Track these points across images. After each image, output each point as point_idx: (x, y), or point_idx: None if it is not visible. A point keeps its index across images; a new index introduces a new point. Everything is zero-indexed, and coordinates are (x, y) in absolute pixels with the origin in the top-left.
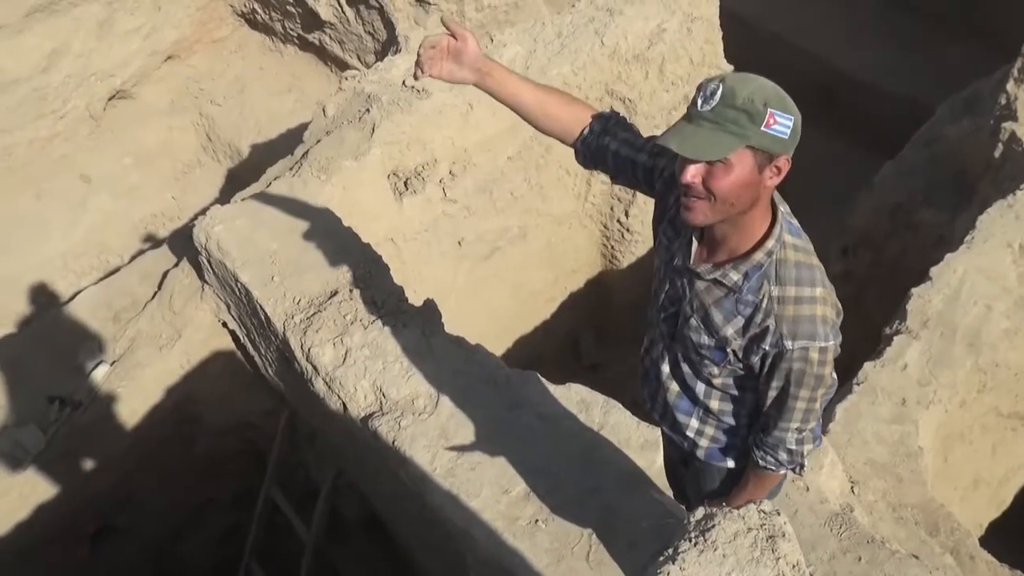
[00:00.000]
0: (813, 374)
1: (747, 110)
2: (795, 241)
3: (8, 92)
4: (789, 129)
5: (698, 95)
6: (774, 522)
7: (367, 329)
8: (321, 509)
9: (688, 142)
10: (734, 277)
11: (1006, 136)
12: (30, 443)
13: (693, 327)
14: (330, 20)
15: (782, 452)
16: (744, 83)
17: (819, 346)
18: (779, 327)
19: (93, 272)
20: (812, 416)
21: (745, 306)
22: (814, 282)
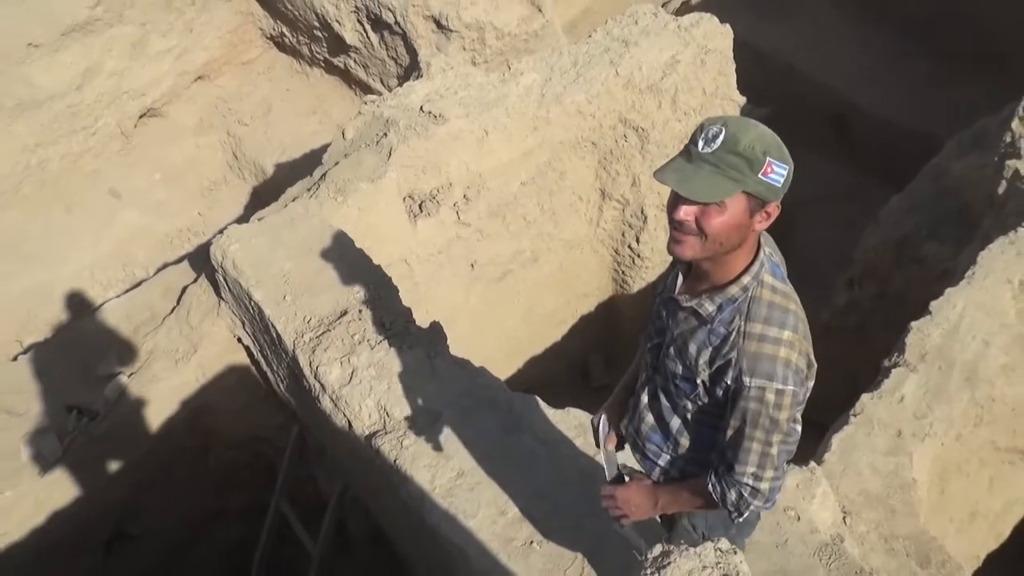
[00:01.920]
0: (768, 415)
1: (747, 157)
2: (775, 283)
3: (43, 108)
4: (783, 178)
5: (699, 135)
6: (730, 560)
7: (374, 349)
8: (328, 523)
9: (688, 183)
10: (709, 308)
11: (1010, 173)
12: (48, 451)
13: (671, 356)
14: (355, 45)
15: (733, 492)
16: (745, 130)
17: (776, 387)
18: (739, 361)
19: (119, 284)
20: (768, 464)
21: (715, 337)
22: (783, 325)
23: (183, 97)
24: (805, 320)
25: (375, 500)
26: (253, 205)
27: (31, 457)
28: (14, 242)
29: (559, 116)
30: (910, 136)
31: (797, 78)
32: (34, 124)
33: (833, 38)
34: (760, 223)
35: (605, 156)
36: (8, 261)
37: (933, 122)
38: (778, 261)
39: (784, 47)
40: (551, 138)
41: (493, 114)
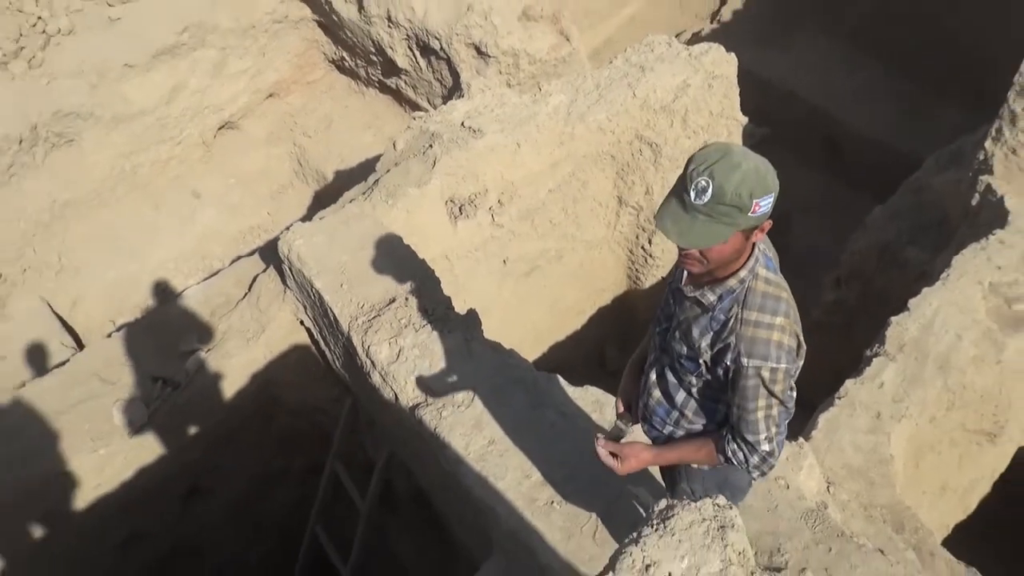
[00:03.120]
0: (766, 388)
1: (736, 205)
2: (768, 275)
3: (136, 121)
4: (770, 205)
5: (690, 185)
6: (726, 514)
7: (418, 332)
8: (375, 483)
9: (687, 235)
10: (711, 297)
11: (983, 187)
12: (136, 415)
13: (677, 339)
14: (406, 68)
15: (755, 457)
16: (729, 176)
17: (771, 366)
18: (739, 344)
19: (198, 273)
20: (772, 424)
21: (716, 323)
22: (776, 312)
23: (256, 112)
24: (795, 306)
25: (417, 464)
26: (315, 207)
27: (122, 420)
28: (109, 237)
29: (583, 132)
30: (894, 154)
31: (794, 102)
32: (128, 134)
33: (827, 67)
34: (756, 239)
35: (622, 168)
36: (104, 253)
37: (915, 142)
38: (772, 256)
39: (783, 74)
40: (575, 152)
41: (525, 130)
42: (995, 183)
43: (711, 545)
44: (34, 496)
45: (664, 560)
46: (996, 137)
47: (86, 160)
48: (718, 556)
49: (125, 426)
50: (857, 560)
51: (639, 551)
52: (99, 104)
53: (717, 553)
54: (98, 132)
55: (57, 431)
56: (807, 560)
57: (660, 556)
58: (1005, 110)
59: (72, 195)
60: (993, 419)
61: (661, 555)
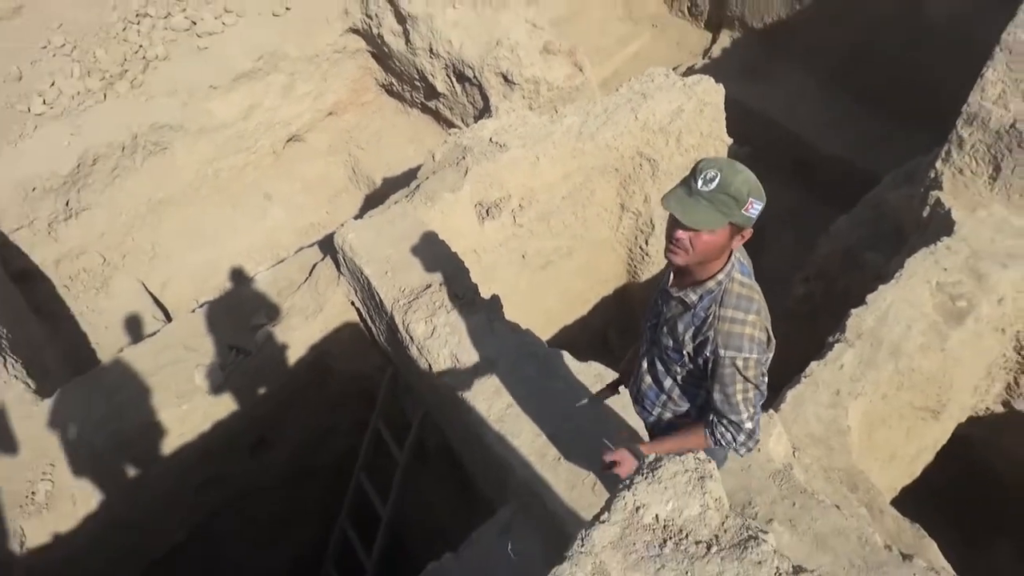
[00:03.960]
0: (741, 375)
1: (735, 197)
2: (742, 279)
3: (218, 133)
4: (759, 212)
5: (699, 175)
6: (705, 467)
7: (449, 313)
8: (411, 439)
9: (689, 214)
10: (692, 297)
11: (933, 201)
12: (214, 378)
13: (664, 333)
14: (444, 92)
15: (742, 435)
16: (734, 174)
17: (744, 356)
18: (716, 337)
19: (267, 262)
20: (750, 405)
21: (697, 319)
22: (749, 310)
23: (318, 127)
24: (766, 306)
25: (446, 423)
26: (365, 207)
27: (202, 381)
28: (194, 229)
29: (592, 148)
30: (858, 173)
31: (773, 127)
32: (212, 144)
33: (803, 98)
34: (736, 243)
35: (625, 179)
36: (190, 242)
37: (875, 163)
38: (746, 263)
39: (764, 103)
40: (585, 164)
41: (543, 145)
42: (944, 198)
43: (692, 492)
44: (129, 442)
45: (652, 503)
46: (945, 158)
47: (176, 165)
48: (698, 501)
49: (205, 386)
50: (817, 514)
51: (631, 495)
52: (188, 118)
53: (697, 499)
54: (187, 142)
55: (148, 389)
56: (774, 512)
57: (648, 500)
58: (954, 135)
59: (165, 194)
60: (937, 399)
61: (649, 499)
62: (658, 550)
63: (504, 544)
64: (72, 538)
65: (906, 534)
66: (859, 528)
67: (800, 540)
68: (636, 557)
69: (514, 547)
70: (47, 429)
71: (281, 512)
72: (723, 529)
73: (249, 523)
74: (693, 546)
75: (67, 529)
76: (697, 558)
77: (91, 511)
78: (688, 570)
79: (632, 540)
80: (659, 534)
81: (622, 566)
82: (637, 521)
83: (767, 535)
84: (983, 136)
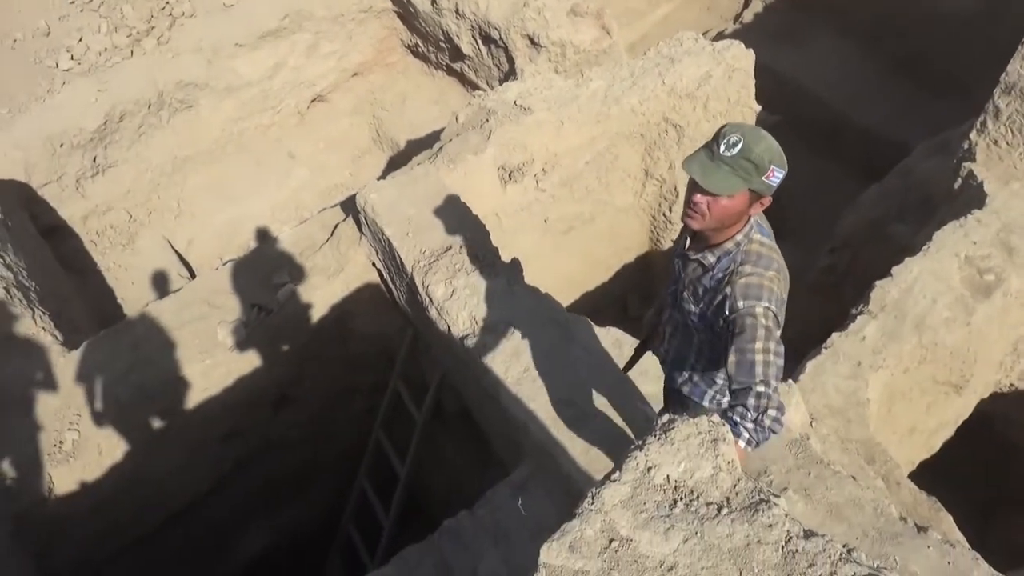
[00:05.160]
0: (762, 326)
1: (757, 164)
2: (762, 239)
3: (244, 91)
4: (779, 180)
5: (721, 140)
6: (719, 430)
7: (469, 275)
8: (429, 400)
9: (709, 177)
10: (711, 259)
11: (965, 173)
12: (237, 334)
13: (685, 298)
14: (469, 54)
15: (751, 399)
16: (758, 141)
17: (763, 305)
18: (734, 292)
19: (291, 221)
20: (771, 371)
21: (715, 280)
22: (768, 266)
23: (342, 88)
24: (786, 270)
25: (464, 385)
26: (388, 169)
27: (225, 337)
28: (219, 187)
29: (617, 113)
30: (888, 143)
31: (802, 94)
32: (237, 102)
33: (834, 65)
34: (755, 209)
35: (650, 145)
36: (215, 201)
37: (907, 134)
38: (766, 227)
39: (794, 69)
40: (610, 130)
41: (568, 109)
42: (977, 170)
43: (704, 454)
44: (154, 395)
45: (664, 464)
46: (980, 129)
47: (202, 123)
48: (710, 463)
49: (228, 342)
50: (832, 484)
51: (643, 455)
52: (214, 77)
53: (710, 461)
54: (212, 100)
55: (172, 344)
56: (789, 481)
57: (660, 460)
58: (990, 105)
59: (190, 152)
60: (960, 373)
61: (661, 459)
62: (668, 510)
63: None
64: (98, 487)
65: (922, 507)
66: (875, 499)
67: (814, 509)
68: (646, 516)
69: (525, 505)
70: (74, 380)
71: (301, 469)
72: (734, 492)
73: (269, 479)
74: (704, 507)
75: (93, 478)
76: (707, 519)
77: (116, 461)
78: (698, 530)
79: (642, 500)
80: (670, 495)
81: (632, 524)
82: (648, 481)
83: (778, 499)
84: (1021, 106)
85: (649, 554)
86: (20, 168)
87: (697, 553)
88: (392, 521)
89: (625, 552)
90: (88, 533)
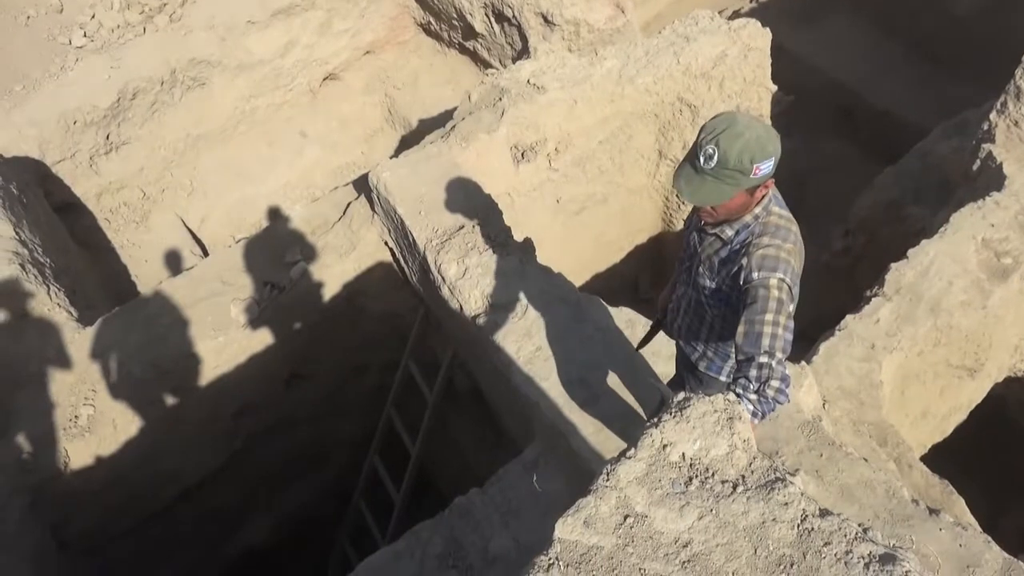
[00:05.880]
0: (775, 298)
1: (739, 169)
2: (780, 211)
3: (255, 69)
4: (771, 167)
5: (700, 151)
6: (735, 408)
7: (482, 254)
8: (441, 379)
9: (698, 192)
10: (729, 232)
11: (984, 154)
12: (250, 312)
13: (701, 273)
14: (482, 32)
15: (753, 369)
16: (732, 143)
17: (778, 276)
18: (750, 263)
19: (303, 199)
20: (777, 343)
21: (733, 252)
22: (786, 239)
23: (355, 66)
24: (802, 244)
25: (476, 364)
26: (401, 148)
27: (238, 315)
28: (231, 166)
29: (631, 93)
30: (904, 125)
31: (818, 74)
32: (249, 80)
33: (850, 45)
34: (760, 195)
35: (664, 125)
36: (227, 179)
37: (923, 115)
38: (782, 200)
39: (810, 49)
40: (624, 109)
41: (581, 88)
42: (996, 151)
43: (720, 432)
44: (167, 372)
45: (679, 441)
46: (1001, 110)
47: (214, 101)
48: (726, 441)
49: (240, 320)
50: (844, 465)
51: (658, 433)
52: (226, 54)
53: (725, 439)
54: (225, 78)
55: (186, 320)
56: (800, 463)
57: (676, 438)
58: (1012, 86)
59: (202, 130)
60: (974, 357)
61: (677, 437)
62: (683, 487)
63: (530, 480)
64: (113, 461)
65: (934, 490)
66: (886, 481)
67: (826, 491)
68: (661, 493)
69: (539, 482)
70: (89, 356)
71: (313, 446)
72: (750, 470)
73: (282, 455)
74: (719, 485)
75: (108, 452)
76: (722, 497)
77: (131, 436)
78: (713, 508)
79: (658, 477)
80: (685, 472)
81: (647, 501)
82: (663, 458)
83: (794, 477)
84: None
85: (664, 531)
86: (34, 145)
87: (712, 530)
88: (403, 498)
89: (640, 528)
90: (103, 507)
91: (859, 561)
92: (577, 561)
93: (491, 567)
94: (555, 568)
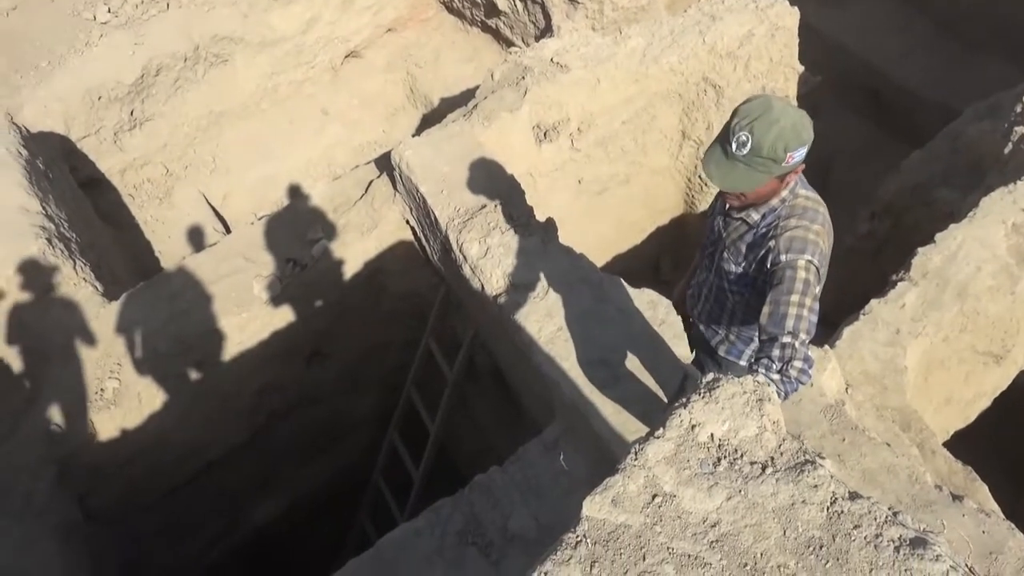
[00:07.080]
0: (802, 279)
1: (772, 157)
2: (807, 193)
3: (278, 46)
4: (803, 155)
5: (732, 137)
6: (764, 390)
7: (504, 234)
8: (461, 358)
9: (728, 178)
10: (755, 216)
11: (1017, 137)
12: (272, 289)
13: (725, 258)
14: (505, 10)
15: (776, 350)
16: (767, 131)
17: (807, 259)
18: (778, 245)
19: (324, 177)
20: (801, 324)
21: (759, 236)
22: (814, 220)
23: (377, 44)
24: (831, 225)
25: (496, 343)
26: (422, 126)
27: (260, 291)
28: (253, 143)
29: (655, 72)
30: (933, 107)
31: (845, 54)
32: (271, 58)
33: (879, 25)
34: (789, 181)
35: (688, 106)
36: (249, 157)
37: (953, 97)
38: (806, 182)
39: (838, 29)
40: (648, 89)
41: (605, 67)
42: None
43: (749, 413)
44: (190, 347)
45: (708, 422)
46: None
47: (237, 78)
48: (755, 423)
49: (263, 296)
50: (867, 450)
51: (687, 413)
52: (249, 31)
53: (755, 420)
54: (247, 54)
55: (209, 296)
56: (823, 447)
57: (705, 419)
58: None
59: (225, 107)
60: (1001, 343)
61: (706, 418)
62: (712, 468)
63: (550, 459)
64: (138, 434)
65: (957, 476)
66: (909, 466)
67: (848, 475)
68: (689, 473)
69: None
70: (114, 330)
71: (333, 423)
72: (779, 452)
73: (303, 431)
74: (748, 466)
75: (134, 425)
76: (751, 478)
77: (155, 410)
78: (742, 488)
79: (686, 457)
80: (714, 452)
81: (675, 481)
82: (692, 439)
83: (824, 460)
84: None
85: (692, 510)
86: (60, 121)
87: (741, 511)
88: (421, 476)
89: (668, 508)
90: (127, 480)
91: (889, 544)
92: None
93: (510, 544)
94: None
